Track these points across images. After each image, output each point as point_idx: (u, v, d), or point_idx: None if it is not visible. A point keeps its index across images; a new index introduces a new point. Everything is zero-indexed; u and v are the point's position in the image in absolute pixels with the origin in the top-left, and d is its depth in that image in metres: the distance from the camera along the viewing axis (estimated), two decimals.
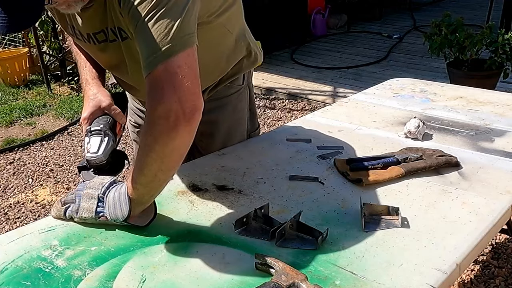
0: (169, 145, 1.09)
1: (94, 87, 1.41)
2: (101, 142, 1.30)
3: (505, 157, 1.53)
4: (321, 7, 6.64)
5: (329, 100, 4.62)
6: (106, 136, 1.32)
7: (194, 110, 1.08)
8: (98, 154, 1.29)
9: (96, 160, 1.29)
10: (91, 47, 1.36)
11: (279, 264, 1.03)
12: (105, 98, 1.39)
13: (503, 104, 1.96)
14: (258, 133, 1.79)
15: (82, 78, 1.47)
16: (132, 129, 1.78)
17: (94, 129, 1.32)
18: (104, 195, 1.20)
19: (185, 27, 1.07)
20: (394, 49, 5.95)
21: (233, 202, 1.33)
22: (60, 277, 1.06)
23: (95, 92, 1.40)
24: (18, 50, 5.83)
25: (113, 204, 1.18)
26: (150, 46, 1.05)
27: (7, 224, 3.04)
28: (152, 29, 1.05)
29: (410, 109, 1.94)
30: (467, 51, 4.02)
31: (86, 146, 1.31)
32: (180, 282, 1.04)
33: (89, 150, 1.29)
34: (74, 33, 1.36)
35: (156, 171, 1.12)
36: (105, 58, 1.39)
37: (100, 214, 1.20)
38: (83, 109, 1.39)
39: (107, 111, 1.39)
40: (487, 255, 2.53)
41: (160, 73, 1.05)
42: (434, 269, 1.05)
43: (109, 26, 1.25)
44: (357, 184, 1.39)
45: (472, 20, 6.00)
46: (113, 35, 1.27)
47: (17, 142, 4.15)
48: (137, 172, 1.14)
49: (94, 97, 1.39)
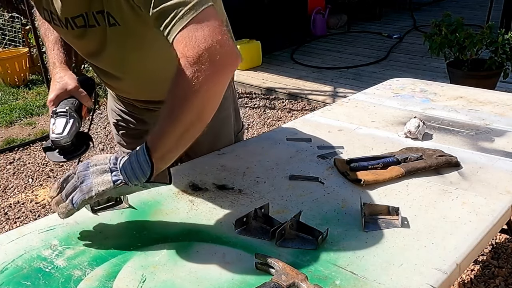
0: (211, 90, 1.06)
1: (61, 70, 1.41)
2: (66, 123, 1.31)
3: (505, 157, 1.53)
4: (321, 7, 6.64)
5: (329, 100, 4.62)
6: (72, 118, 1.32)
7: (236, 54, 1.08)
8: (63, 135, 1.29)
9: (61, 140, 1.30)
10: (67, 33, 1.34)
11: (279, 264, 1.03)
12: (71, 81, 1.38)
13: (503, 104, 1.96)
14: (243, 133, 1.79)
15: (49, 61, 1.46)
16: (116, 131, 1.76)
17: (60, 111, 1.33)
18: (115, 165, 1.12)
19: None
20: (394, 49, 5.95)
21: (233, 202, 1.33)
22: (60, 277, 1.06)
23: (61, 75, 1.40)
24: (18, 50, 5.84)
25: (131, 167, 1.10)
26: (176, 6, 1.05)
27: (7, 224, 3.04)
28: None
29: (410, 109, 1.94)
30: (467, 51, 4.02)
31: (51, 127, 1.31)
32: (180, 282, 1.04)
33: (54, 131, 1.30)
34: (51, 18, 1.34)
35: (189, 124, 1.08)
36: (83, 44, 1.37)
37: (118, 182, 1.10)
38: (50, 92, 1.39)
39: (74, 94, 1.38)
40: (487, 255, 2.53)
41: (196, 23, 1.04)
42: (434, 269, 1.05)
43: (92, 10, 1.23)
44: (357, 184, 1.39)
45: (472, 20, 6.01)
46: (94, 20, 1.25)
47: (17, 142, 4.15)
48: (167, 126, 1.08)
49: (61, 80, 1.38)
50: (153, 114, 1.62)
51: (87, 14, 1.25)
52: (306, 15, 6.43)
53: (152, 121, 1.65)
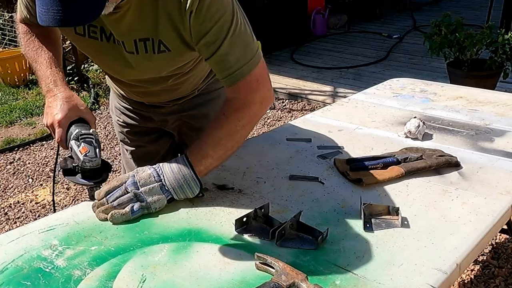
0: (253, 126, 1.39)
1: (66, 90, 1.37)
2: (95, 147, 1.30)
3: (505, 157, 1.53)
4: (321, 7, 6.64)
5: (329, 100, 4.62)
6: (97, 141, 1.31)
7: (273, 98, 1.45)
8: (96, 158, 1.29)
9: (93, 163, 1.29)
10: (97, 44, 1.34)
11: (279, 264, 1.03)
12: (81, 102, 1.36)
13: (503, 104, 1.96)
14: None
15: (48, 78, 1.39)
16: (120, 129, 1.76)
17: (86, 133, 1.30)
18: (161, 181, 1.25)
19: (254, 44, 1.32)
20: (394, 49, 5.95)
21: (233, 202, 1.33)
22: (60, 277, 1.05)
23: (69, 95, 1.35)
24: (18, 50, 5.82)
25: (179, 186, 1.26)
26: (237, 61, 1.26)
27: (7, 224, 3.04)
28: (236, 48, 1.26)
29: (410, 109, 1.94)
30: (467, 51, 4.02)
31: (77, 149, 1.29)
32: (180, 282, 1.04)
33: (87, 154, 1.28)
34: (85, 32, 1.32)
35: (233, 146, 1.33)
36: (109, 60, 1.40)
37: (170, 199, 1.27)
38: (53, 110, 1.33)
39: (85, 115, 1.35)
40: (487, 255, 2.53)
41: (253, 76, 1.29)
42: (434, 269, 1.05)
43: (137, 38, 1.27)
44: (357, 184, 1.39)
45: (472, 20, 6.01)
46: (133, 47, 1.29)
47: (17, 142, 4.15)
48: (215, 150, 1.30)
49: (70, 100, 1.34)
50: (160, 111, 1.63)
51: (135, 42, 1.29)
52: (306, 15, 6.42)
53: (158, 119, 1.66)
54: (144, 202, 1.24)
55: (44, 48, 1.44)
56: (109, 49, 1.34)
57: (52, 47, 1.45)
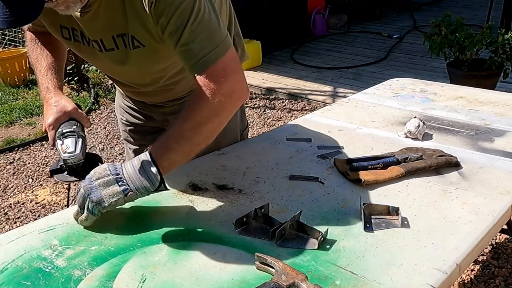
0: (223, 120, 1.27)
1: (56, 95, 1.42)
2: (76, 142, 1.31)
3: (505, 157, 1.53)
4: (321, 7, 6.64)
5: (329, 100, 4.62)
6: (80, 137, 1.32)
7: (247, 91, 1.30)
8: (75, 153, 1.29)
9: (75, 159, 1.29)
10: (81, 47, 1.36)
11: (279, 264, 1.03)
12: (69, 103, 1.40)
13: (503, 104, 1.96)
14: (247, 131, 1.80)
15: (42, 85, 1.46)
16: (124, 127, 1.78)
17: (67, 131, 1.33)
18: (118, 175, 1.19)
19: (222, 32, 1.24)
20: (394, 49, 5.95)
21: (233, 202, 1.33)
22: (60, 277, 1.06)
23: (57, 99, 1.40)
24: (18, 50, 5.83)
25: (138, 178, 1.19)
26: (202, 49, 1.19)
27: (7, 224, 3.04)
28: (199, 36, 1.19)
29: (410, 109, 1.94)
30: (467, 51, 4.02)
31: (60, 147, 1.31)
32: (180, 282, 1.04)
33: (66, 151, 1.29)
34: (70, 36, 1.36)
35: (200, 142, 1.25)
36: (104, 63, 1.41)
37: (126, 192, 1.18)
38: (46, 116, 1.39)
39: (74, 115, 1.39)
40: (487, 255, 2.53)
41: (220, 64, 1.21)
42: (434, 269, 1.05)
43: (115, 34, 1.27)
44: (357, 184, 1.39)
45: (472, 20, 6.01)
46: (113, 43, 1.29)
47: (17, 142, 4.15)
48: (179, 143, 1.22)
49: (57, 103, 1.39)
50: (161, 111, 1.64)
51: (114, 38, 1.29)
52: (306, 15, 6.42)
53: (159, 118, 1.68)
54: (95, 195, 1.17)
55: (44, 55, 1.50)
56: (90, 51, 1.36)
57: (54, 53, 1.50)
